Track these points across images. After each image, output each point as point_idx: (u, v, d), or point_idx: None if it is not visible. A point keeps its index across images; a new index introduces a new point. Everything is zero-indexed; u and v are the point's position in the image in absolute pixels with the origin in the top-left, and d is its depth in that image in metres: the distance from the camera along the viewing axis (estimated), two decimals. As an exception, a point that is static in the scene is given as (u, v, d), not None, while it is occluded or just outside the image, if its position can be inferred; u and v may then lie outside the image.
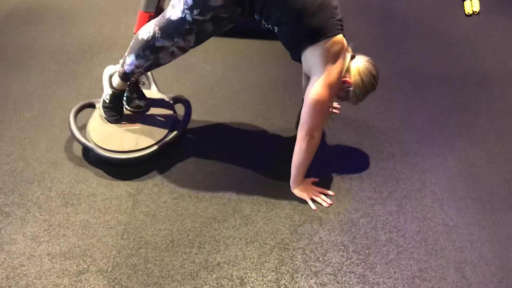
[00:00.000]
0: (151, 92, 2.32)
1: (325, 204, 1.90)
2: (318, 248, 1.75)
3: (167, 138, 2.08)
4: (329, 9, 1.68)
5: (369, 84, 1.82)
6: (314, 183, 1.98)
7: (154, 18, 2.94)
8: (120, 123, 2.12)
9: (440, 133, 2.30)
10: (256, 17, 1.77)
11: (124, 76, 2.01)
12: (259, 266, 1.68)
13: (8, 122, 2.22)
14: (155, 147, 2.03)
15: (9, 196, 1.88)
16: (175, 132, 2.11)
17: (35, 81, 2.51)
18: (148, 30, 1.86)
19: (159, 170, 2.03)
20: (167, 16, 1.80)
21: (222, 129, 2.28)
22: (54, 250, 1.69)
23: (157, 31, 1.83)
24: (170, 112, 2.21)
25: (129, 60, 1.94)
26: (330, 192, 1.95)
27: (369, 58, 1.83)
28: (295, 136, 1.85)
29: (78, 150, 2.09)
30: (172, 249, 1.72)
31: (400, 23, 3.24)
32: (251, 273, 1.65)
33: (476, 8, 3.35)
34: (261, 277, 1.64)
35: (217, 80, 2.60)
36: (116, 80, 2.06)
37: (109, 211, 1.84)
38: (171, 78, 2.58)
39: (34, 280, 1.59)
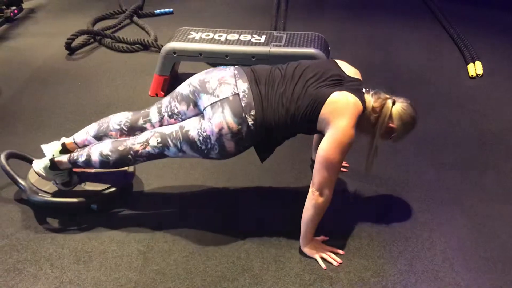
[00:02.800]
0: None
1: (335, 263, 1.90)
2: (329, 307, 1.73)
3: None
4: (309, 95, 1.82)
5: (410, 127, 1.93)
6: (324, 242, 1.98)
7: (168, 81, 3.08)
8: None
9: (448, 192, 2.32)
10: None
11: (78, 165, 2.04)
12: (269, 326, 1.66)
13: (25, 180, 2.29)
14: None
15: (22, 253, 1.90)
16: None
17: (51, 140, 2.58)
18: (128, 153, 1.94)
19: (169, 227, 2.05)
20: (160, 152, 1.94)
21: (232, 186, 2.32)
22: (64, 308, 1.70)
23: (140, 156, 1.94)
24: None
25: (95, 163, 1.98)
26: (340, 251, 1.95)
27: (408, 102, 1.92)
28: (305, 192, 1.88)
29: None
30: (182, 307, 1.71)
31: (406, 84, 3.34)
32: (261, 333, 1.63)
33: (480, 71, 3.45)
34: (271, 338, 1.62)
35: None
36: (66, 166, 2.04)
37: (120, 269, 1.85)
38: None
39: None
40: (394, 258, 1.94)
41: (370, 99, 1.88)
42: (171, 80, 3.12)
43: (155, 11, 4.48)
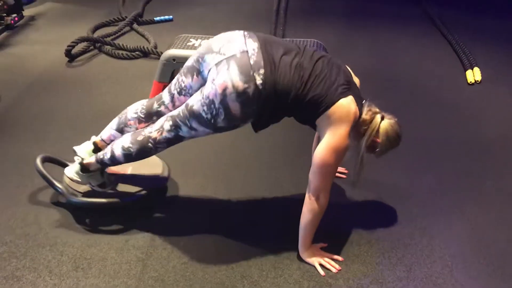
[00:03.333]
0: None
1: (334, 270, 1.89)
2: (328, 314, 1.73)
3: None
4: (324, 83, 1.79)
5: (394, 144, 1.94)
6: (323, 249, 1.98)
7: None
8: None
9: (447, 198, 2.32)
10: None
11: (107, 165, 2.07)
12: (267, 333, 1.65)
13: (24, 187, 2.29)
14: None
15: (21, 260, 1.90)
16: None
17: (51, 147, 2.60)
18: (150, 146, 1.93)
19: (168, 234, 2.05)
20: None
21: (231, 193, 2.32)
22: (62, 315, 1.69)
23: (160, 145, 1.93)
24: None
25: (119, 158, 1.99)
26: (339, 257, 1.95)
27: (396, 119, 1.93)
28: (304, 199, 1.88)
29: (90, 215, 2.13)
30: (180, 315, 1.71)
31: (405, 90, 3.35)
32: None
33: (478, 77, 3.46)
34: None
35: (227, 145, 2.68)
36: (96, 166, 2.05)
37: (119, 276, 1.85)
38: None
39: None
40: (393, 265, 1.93)
41: (364, 111, 1.89)
42: (171, 87, 3.12)
43: (155, 19, 4.50)
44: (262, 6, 4.86)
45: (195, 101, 1.80)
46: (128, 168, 2.24)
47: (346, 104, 1.79)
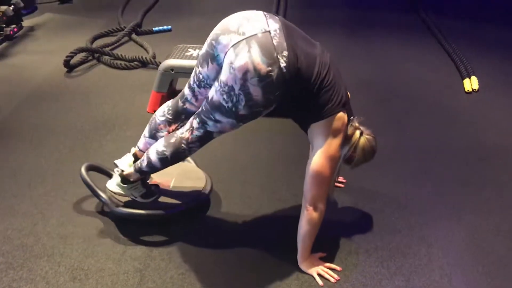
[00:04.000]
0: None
1: (332, 280, 1.89)
2: (326, 325, 1.72)
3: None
4: (333, 90, 1.77)
5: (369, 158, 1.95)
6: (322, 258, 1.98)
7: (165, 98, 3.09)
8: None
9: (446, 206, 2.32)
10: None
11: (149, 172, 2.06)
12: None
13: (22, 197, 2.28)
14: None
15: (18, 271, 1.89)
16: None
17: (50, 157, 2.60)
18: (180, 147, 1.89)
19: (166, 245, 2.04)
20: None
21: (228, 202, 2.31)
22: (59, 326, 1.68)
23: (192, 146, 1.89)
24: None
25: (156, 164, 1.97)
26: (337, 267, 1.94)
27: (373, 136, 1.93)
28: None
29: (88, 225, 2.13)
30: (178, 326, 1.70)
31: (403, 99, 3.36)
32: None
33: (475, 86, 3.48)
34: None
35: (224, 155, 2.68)
36: (136, 176, 2.05)
37: (116, 287, 1.84)
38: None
39: None
40: (392, 274, 1.93)
41: (348, 126, 1.89)
42: (169, 97, 3.13)
43: (153, 29, 4.52)
44: (260, 16, 4.88)
45: (214, 92, 1.72)
46: (171, 181, 2.25)
47: (343, 118, 1.81)
